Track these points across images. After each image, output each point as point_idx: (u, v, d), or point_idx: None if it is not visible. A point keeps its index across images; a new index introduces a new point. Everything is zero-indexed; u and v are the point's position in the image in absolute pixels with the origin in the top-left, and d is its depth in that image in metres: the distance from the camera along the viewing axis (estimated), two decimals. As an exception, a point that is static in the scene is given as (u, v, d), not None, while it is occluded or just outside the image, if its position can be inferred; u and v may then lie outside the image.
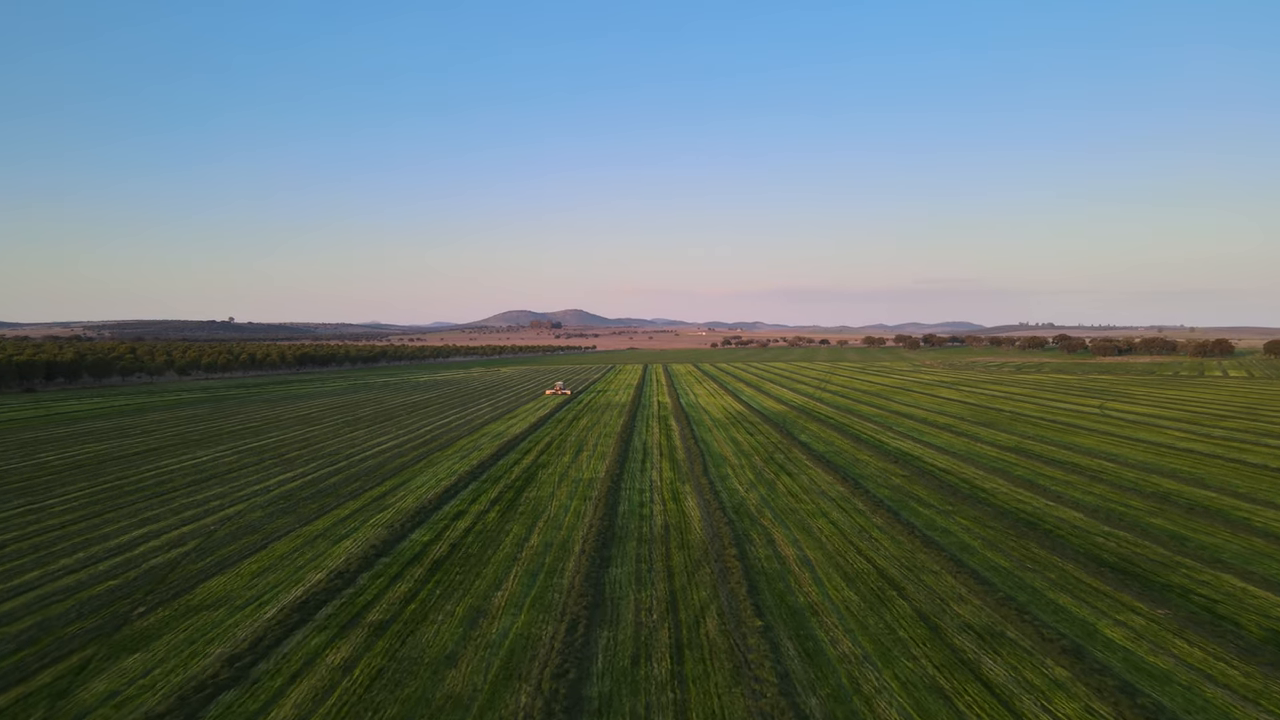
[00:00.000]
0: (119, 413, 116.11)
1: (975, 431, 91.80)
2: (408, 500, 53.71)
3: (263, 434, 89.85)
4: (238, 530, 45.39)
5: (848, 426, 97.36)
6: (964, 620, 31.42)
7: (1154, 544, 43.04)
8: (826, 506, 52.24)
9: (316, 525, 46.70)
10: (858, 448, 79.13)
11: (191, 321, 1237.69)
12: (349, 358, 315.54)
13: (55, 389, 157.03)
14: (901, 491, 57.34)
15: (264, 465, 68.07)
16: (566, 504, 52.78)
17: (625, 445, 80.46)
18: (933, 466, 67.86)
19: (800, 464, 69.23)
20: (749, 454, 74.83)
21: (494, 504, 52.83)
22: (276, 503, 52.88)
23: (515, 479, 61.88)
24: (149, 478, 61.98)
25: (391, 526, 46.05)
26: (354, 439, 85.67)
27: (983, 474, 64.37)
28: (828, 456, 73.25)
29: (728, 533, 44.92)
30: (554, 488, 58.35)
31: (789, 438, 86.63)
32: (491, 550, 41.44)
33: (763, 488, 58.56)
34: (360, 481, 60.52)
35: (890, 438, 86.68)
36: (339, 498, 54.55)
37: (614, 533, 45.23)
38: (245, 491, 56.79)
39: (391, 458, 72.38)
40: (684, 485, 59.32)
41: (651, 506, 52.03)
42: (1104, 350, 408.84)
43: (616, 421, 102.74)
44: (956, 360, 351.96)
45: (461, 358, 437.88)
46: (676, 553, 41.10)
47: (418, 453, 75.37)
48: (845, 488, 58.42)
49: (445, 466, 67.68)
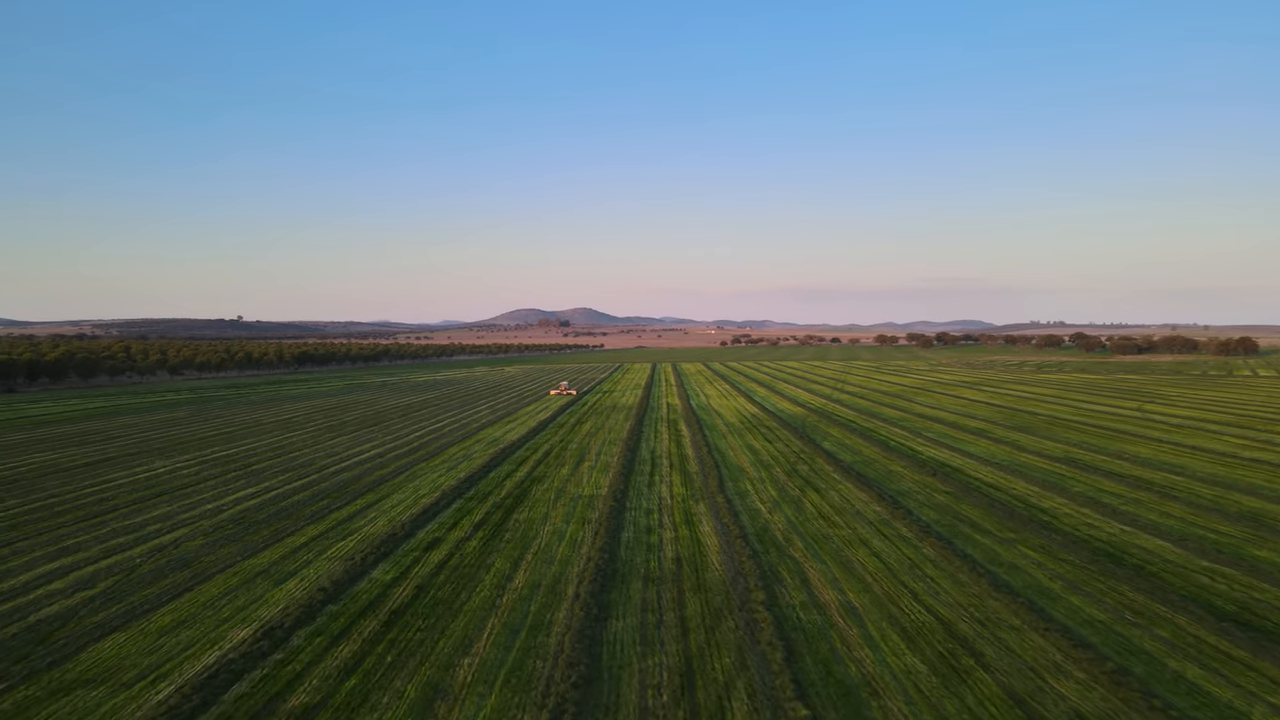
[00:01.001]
0: (89, 416, 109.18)
1: (1013, 438, 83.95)
2: (377, 524, 46.30)
3: (236, 441, 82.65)
4: (167, 565, 38.05)
5: (873, 432, 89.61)
6: (1073, 706, 23.85)
7: (1273, 585, 35.33)
8: (865, 532, 44.64)
9: (262, 558, 39.33)
10: (889, 457, 71.42)
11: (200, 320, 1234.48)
12: (350, 356, 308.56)
13: (37, 390, 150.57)
14: (948, 513, 49.68)
15: (225, 479, 60.78)
16: (562, 529, 45.31)
17: (632, 454, 72.94)
18: (977, 480, 60.16)
19: (827, 477, 61.62)
20: (769, 465, 67.22)
21: (477, 529, 45.37)
22: (224, 527, 45.52)
23: (505, 496, 54.42)
24: (89, 495, 54.73)
25: (351, 560, 38.63)
26: (334, 447, 78.37)
27: (1036, 490, 56.65)
28: (857, 468, 65.60)
29: (752, 569, 37.37)
30: (549, 507, 50.87)
31: (811, 445, 78.96)
32: (466, 594, 33.97)
33: (788, 507, 50.98)
34: (328, 499, 53.16)
35: (922, 445, 78.93)
36: (298, 521, 47.18)
37: (616, 568, 37.75)
38: (193, 513, 49.47)
39: (370, 469, 65.02)
40: (698, 504, 51.78)
41: (661, 533, 44.51)
42: (1123, 349, 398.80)
43: (623, 426, 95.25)
44: (973, 359, 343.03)
45: (466, 357, 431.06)
46: (691, 598, 33.58)
47: (401, 463, 67.98)
48: (883, 507, 50.80)
49: (429, 480, 60.27)
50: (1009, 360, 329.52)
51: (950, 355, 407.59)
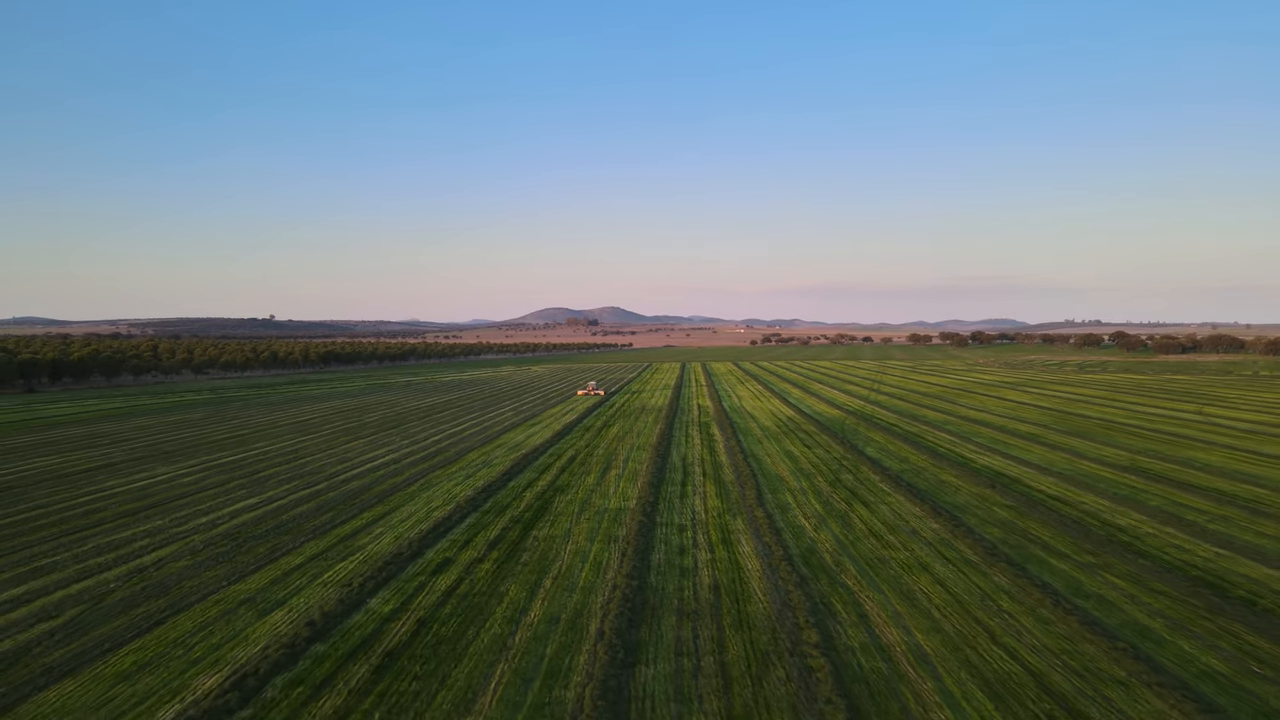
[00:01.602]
0: (104, 417, 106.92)
1: (1069, 444, 78.16)
2: (383, 542, 42.18)
3: (247, 444, 79.32)
4: (143, 591, 34.16)
5: (919, 437, 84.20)
6: (1221, 801, 18.94)
7: None
8: (925, 555, 39.72)
9: (251, 582, 35.34)
10: (938, 465, 66.17)
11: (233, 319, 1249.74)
12: (376, 356, 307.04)
13: (59, 389, 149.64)
14: (1015, 531, 44.55)
15: (227, 488, 57.16)
16: (585, 549, 40.89)
17: (662, 461, 68.37)
18: (1040, 493, 54.85)
19: (875, 488, 56.63)
20: (810, 474, 62.32)
21: (491, 548, 41.08)
22: (216, 545, 41.64)
23: (525, 509, 50.12)
24: (80, 505, 51.30)
25: (348, 586, 34.48)
26: (348, 451, 74.68)
27: (1108, 504, 51.24)
28: (905, 477, 60.50)
29: (801, 600, 32.68)
30: (571, 523, 46.48)
31: (854, 451, 73.85)
32: (473, 630, 29.65)
33: (835, 524, 46.14)
34: (334, 512, 49.20)
35: (973, 452, 73.48)
36: (298, 536, 43.22)
37: (645, 598, 33.24)
38: (186, 526, 45.74)
39: (384, 477, 61.11)
40: (735, 520, 47.09)
41: (695, 554, 39.91)
42: (1166, 348, 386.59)
43: (652, 430, 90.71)
44: (1011, 359, 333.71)
45: (493, 356, 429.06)
46: (733, 637, 28.98)
47: (416, 471, 64.01)
48: (940, 524, 45.77)
49: (444, 490, 56.18)
50: (1048, 360, 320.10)
51: (987, 354, 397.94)
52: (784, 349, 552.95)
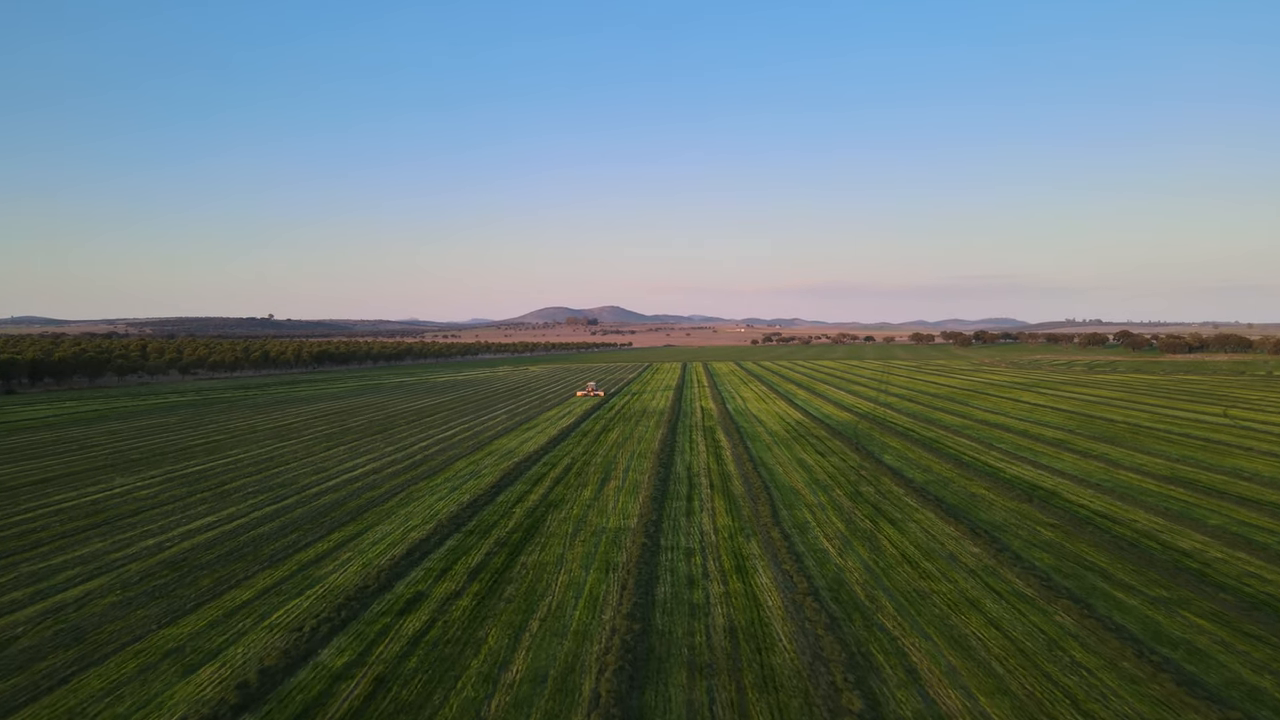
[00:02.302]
0: (75, 420, 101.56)
1: (1100, 451, 72.90)
2: (348, 571, 36.89)
3: (219, 452, 73.95)
4: (54, 638, 28.88)
5: (938, 443, 78.88)
6: None
7: None
8: (970, 587, 34.47)
9: (185, 625, 30.05)
10: (966, 476, 60.90)
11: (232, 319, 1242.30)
12: (371, 355, 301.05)
13: (39, 390, 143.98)
14: (1066, 556, 39.29)
15: (187, 502, 51.84)
16: (579, 579, 35.63)
17: (665, 470, 63.08)
18: (1082, 508, 49.59)
19: (900, 502, 51.37)
20: (827, 485, 57.06)
21: (472, 579, 35.81)
22: (155, 575, 36.34)
23: (513, 529, 44.82)
24: (14, 526, 45.94)
25: (299, 630, 29.21)
26: (326, 460, 69.36)
27: (1162, 522, 45.98)
28: (932, 490, 55.26)
29: (834, 649, 27.43)
30: (565, 546, 41.19)
31: (871, 459, 68.55)
32: (441, 693, 24.41)
33: (862, 546, 40.88)
34: (299, 533, 43.90)
35: (999, 460, 68.20)
36: (252, 564, 37.94)
37: (650, 646, 28.01)
38: (129, 551, 40.43)
39: (360, 490, 55.82)
40: (749, 542, 41.81)
41: (706, 586, 34.65)
42: (1173, 348, 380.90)
43: (654, 435, 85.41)
44: (1016, 358, 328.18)
45: (491, 355, 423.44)
46: (757, 702, 23.80)
47: (397, 483, 58.72)
48: (981, 547, 40.51)
49: (425, 506, 50.88)
50: (1055, 360, 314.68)
51: (991, 354, 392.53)
52: (785, 349, 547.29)
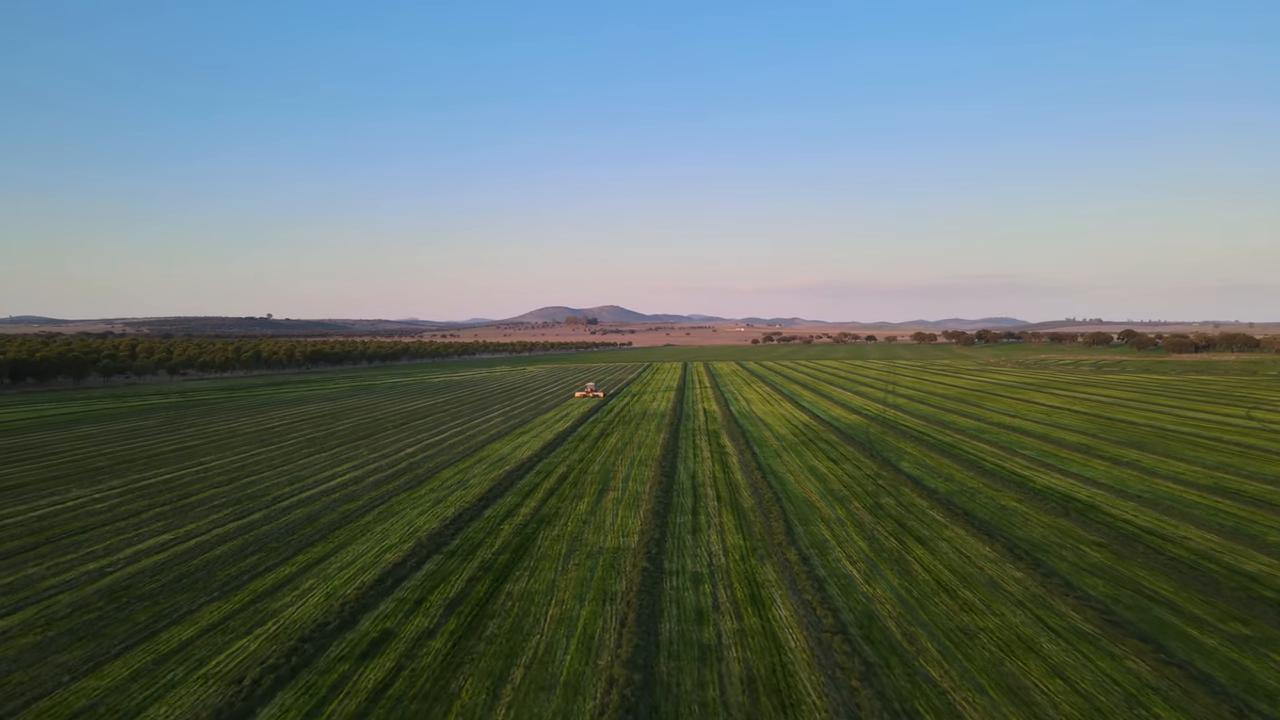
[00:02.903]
0: (45, 424, 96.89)
1: (1130, 457, 68.40)
2: (309, 602, 32.38)
3: (191, 459, 69.38)
4: (-55, 694, 24.32)
5: (955, 448, 74.33)
6: None
7: None
8: (1022, 622, 29.97)
9: (104, 676, 25.55)
10: (992, 485, 56.40)
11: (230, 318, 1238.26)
12: (366, 355, 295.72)
13: (17, 392, 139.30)
14: (1123, 583, 34.80)
15: (143, 518, 47.30)
16: (572, 613, 31.13)
17: (668, 479, 58.58)
18: (1127, 524, 45.09)
19: (925, 517, 46.88)
20: (843, 497, 52.55)
21: (449, 613, 31.29)
22: (87, 608, 31.80)
23: (500, 549, 40.30)
24: (-56, 546, 41.35)
25: (238, 683, 24.70)
26: (304, 468, 64.84)
27: (1218, 540, 41.52)
28: (958, 502, 50.78)
29: (873, 707, 23.02)
30: (557, 571, 36.67)
31: (888, 467, 64.03)
32: (399, 773, 19.89)
33: (890, 571, 36.37)
34: (260, 554, 39.39)
35: (1025, 467, 63.69)
36: (199, 594, 33.41)
37: (654, 704, 23.56)
38: (67, 576, 35.92)
39: (336, 502, 51.30)
40: (764, 566, 37.31)
41: (717, 622, 30.16)
42: (1179, 347, 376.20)
43: (655, 439, 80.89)
44: (1021, 358, 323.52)
45: (489, 355, 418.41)
46: (787, 786, 19.27)
47: (378, 493, 54.21)
48: (1024, 571, 36.03)
49: (404, 521, 46.35)
50: (1061, 359, 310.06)
51: (995, 354, 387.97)
52: (787, 348, 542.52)
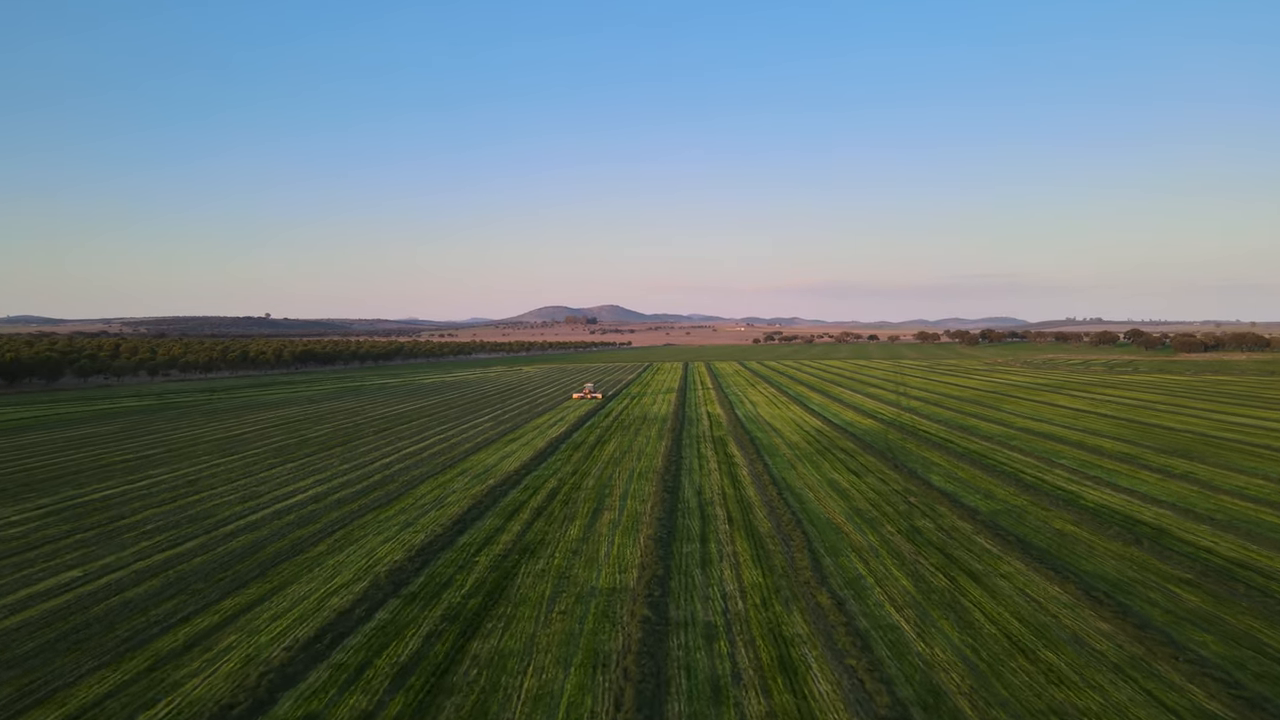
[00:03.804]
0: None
1: (1182, 468, 61.67)
2: (221, 670, 25.53)
3: (140, 471, 62.47)
4: None
5: (985, 458, 67.51)
6: None
7: None
8: (1131, 700, 23.25)
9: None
10: (1039, 504, 49.59)
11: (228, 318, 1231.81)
12: (358, 355, 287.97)
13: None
14: (1239, 639, 28.07)
15: (59, 546, 40.43)
16: (553, 686, 24.32)
17: (671, 497, 51.79)
18: (1211, 555, 38.32)
19: (972, 544, 40.08)
20: (873, 519, 45.72)
21: (396, 685, 24.47)
22: (-70, 683, 24.95)
23: (471, 591, 33.46)
24: None
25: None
26: (265, 481, 58.02)
27: (1331, 578, 34.75)
28: (1005, 525, 44.01)
29: None
30: (537, 622, 29.83)
31: (916, 480, 57.26)
32: None
33: (947, 621, 29.57)
34: (181, 598, 32.53)
35: (1070, 481, 56.93)
36: (87, 657, 26.58)
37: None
38: (-77, 634, 29.03)
39: (290, 526, 44.48)
40: (790, 613, 30.49)
41: (740, 700, 23.43)
42: (1188, 346, 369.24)
43: (656, 447, 74.09)
44: (1029, 357, 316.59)
45: (485, 355, 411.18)
46: None
47: (341, 514, 47.40)
48: (1111, 623, 29.23)
49: (364, 551, 39.51)
50: (1069, 359, 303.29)
51: (1001, 353, 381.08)
52: (788, 348, 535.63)
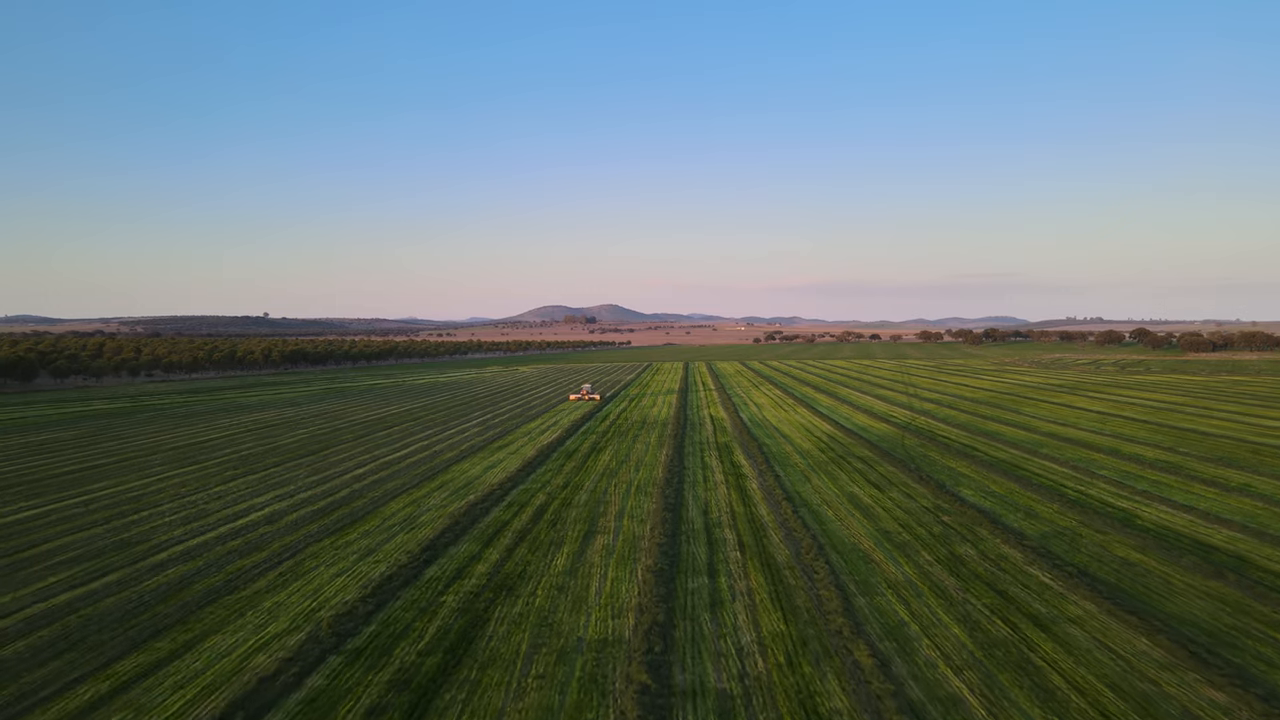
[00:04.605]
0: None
1: (1238, 480, 55.62)
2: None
3: (82, 485, 56.34)
4: None
5: (1019, 468, 61.38)
6: None
7: None
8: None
9: None
10: (1091, 525, 43.44)
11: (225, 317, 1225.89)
12: (349, 355, 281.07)
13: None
14: (1398, 718, 21.90)
15: (-59, 586, 34.29)
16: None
17: (673, 516, 45.65)
18: (1314, 592, 32.23)
19: (1026, 578, 33.97)
20: (906, 545, 39.57)
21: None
22: None
23: (430, 645, 27.29)
24: None
25: None
26: (218, 497, 51.92)
27: None
28: (1058, 552, 37.91)
29: None
30: (508, 692, 23.67)
31: (946, 495, 51.12)
32: None
33: (1022, 692, 23.47)
34: (76, 654, 26.39)
35: (1118, 496, 50.83)
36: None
37: None
38: None
39: (231, 555, 38.33)
40: (822, 676, 24.36)
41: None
42: (1196, 346, 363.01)
43: (656, 456, 67.98)
44: (1036, 357, 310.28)
45: (481, 355, 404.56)
46: None
47: (294, 538, 41.25)
48: (1226, 693, 23.26)
49: (309, 589, 33.34)
50: (1078, 359, 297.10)
51: (1006, 353, 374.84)
52: (789, 347, 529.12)
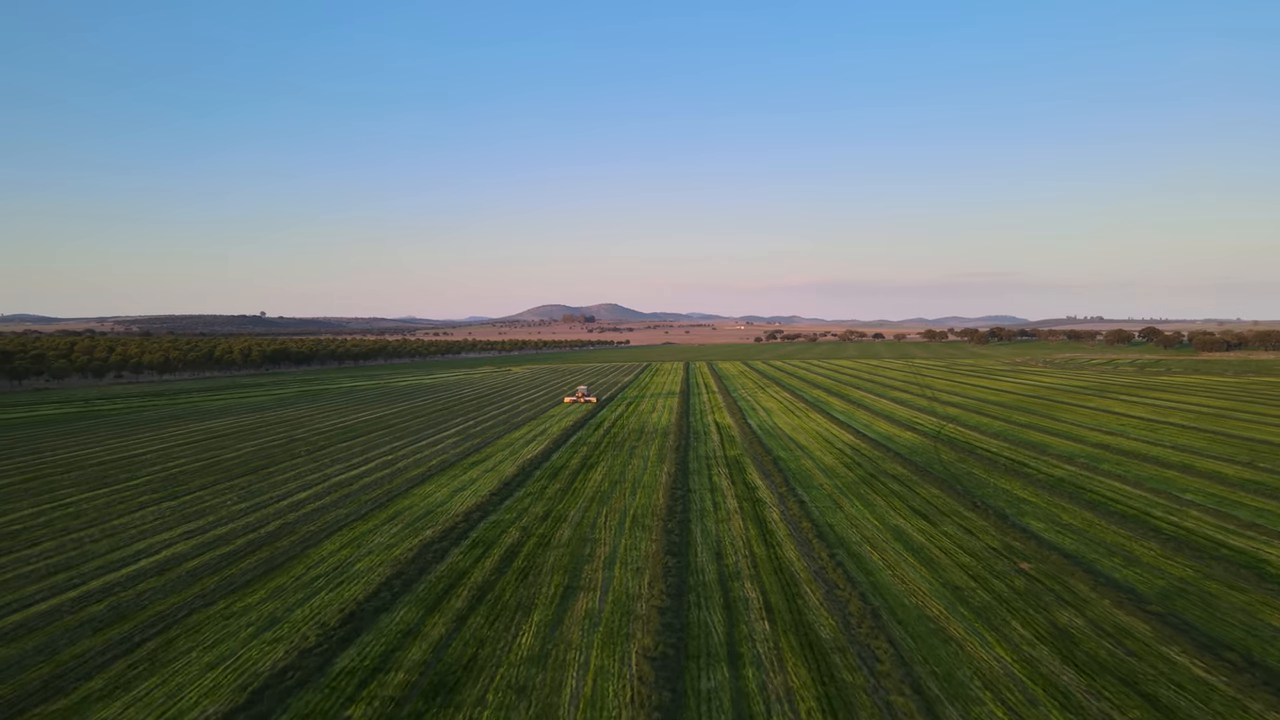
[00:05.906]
0: None
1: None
2: None
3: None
4: None
5: (1085, 491, 51.55)
6: None
7: None
8: None
9: None
10: (1212, 575, 33.69)
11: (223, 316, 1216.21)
12: (335, 355, 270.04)
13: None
14: None
15: None
16: None
17: (678, 563, 35.81)
18: None
19: (1171, 668, 24.38)
20: (988, 612, 29.75)
21: None
22: None
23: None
24: None
25: None
26: (114, 532, 42.07)
27: None
28: (1198, 624, 28.28)
29: None
30: None
31: (1011, 528, 41.27)
32: None
33: None
34: None
35: (1222, 530, 41.17)
36: None
37: None
38: None
39: (85, 626, 28.54)
40: None
41: None
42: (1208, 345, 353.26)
43: (656, 474, 58.15)
44: (1049, 357, 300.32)
45: (475, 354, 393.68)
46: None
47: (181, 599, 31.43)
48: None
49: (161, 695, 23.50)
50: (1091, 358, 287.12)
51: (1015, 352, 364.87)
52: (792, 346, 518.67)
